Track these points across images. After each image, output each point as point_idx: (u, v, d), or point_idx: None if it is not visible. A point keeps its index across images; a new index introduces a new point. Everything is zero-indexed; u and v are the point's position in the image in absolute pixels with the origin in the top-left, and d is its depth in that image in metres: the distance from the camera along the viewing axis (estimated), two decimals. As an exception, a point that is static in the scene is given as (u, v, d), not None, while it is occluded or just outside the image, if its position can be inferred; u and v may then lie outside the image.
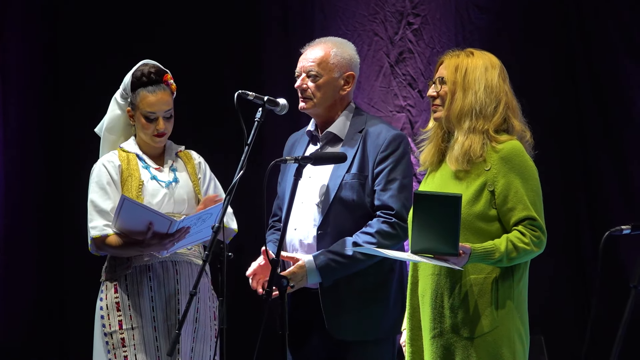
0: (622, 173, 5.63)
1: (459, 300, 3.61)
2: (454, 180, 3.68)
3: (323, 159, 4.04)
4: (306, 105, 4.28)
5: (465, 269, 3.57)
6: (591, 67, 5.70)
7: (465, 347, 3.59)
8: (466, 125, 3.66)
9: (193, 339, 4.28)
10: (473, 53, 3.76)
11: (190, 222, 4.13)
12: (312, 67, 4.26)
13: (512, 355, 3.60)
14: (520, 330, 3.64)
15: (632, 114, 5.60)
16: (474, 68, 3.71)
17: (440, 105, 3.73)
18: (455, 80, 3.70)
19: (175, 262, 4.30)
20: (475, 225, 3.61)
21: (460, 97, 3.68)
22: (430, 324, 3.65)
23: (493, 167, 3.63)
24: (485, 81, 3.70)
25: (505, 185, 3.61)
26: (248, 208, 5.20)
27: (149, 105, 4.31)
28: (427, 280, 3.68)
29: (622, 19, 5.65)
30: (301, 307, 4.22)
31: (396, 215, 4.12)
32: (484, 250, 3.53)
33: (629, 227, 3.13)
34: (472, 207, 3.61)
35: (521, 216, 3.59)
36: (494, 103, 3.68)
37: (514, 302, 3.62)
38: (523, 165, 3.65)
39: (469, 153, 3.64)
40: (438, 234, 3.46)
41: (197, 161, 4.45)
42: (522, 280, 3.66)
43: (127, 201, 4.09)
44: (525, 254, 3.58)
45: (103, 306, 4.27)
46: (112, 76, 4.53)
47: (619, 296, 4.88)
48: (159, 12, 6.34)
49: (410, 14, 5.95)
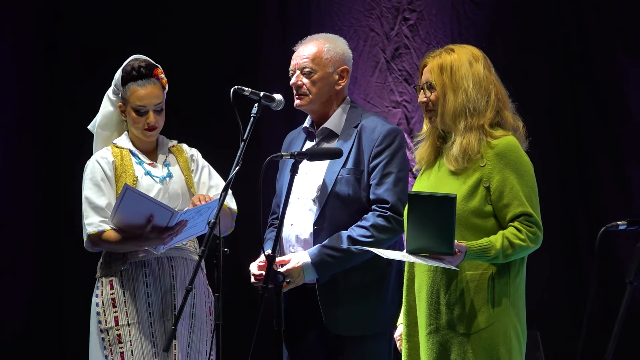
0: (619, 169, 5.64)
1: (455, 296, 3.61)
2: (450, 177, 3.68)
3: (319, 154, 4.05)
4: (302, 102, 4.28)
5: (461, 265, 3.57)
6: (588, 63, 5.70)
7: (461, 343, 3.59)
8: (462, 125, 3.65)
9: (189, 334, 4.28)
10: (453, 49, 3.74)
11: (189, 215, 4.13)
12: (306, 63, 4.26)
13: (508, 352, 3.60)
14: (517, 326, 3.64)
15: (629, 112, 5.60)
16: (459, 65, 3.69)
17: (432, 110, 3.72)
18: (443, 82, 3.68)
19: (171, 257, 4.29)
20: (471, 221, 3.61)
21: (451, 98, 3.67)
22: (426, 320, 3.65)
23: (488, 163, 3.63)
24: (473, 76, 3.68)
25: (501, 181, 3.61)
26: (244, 204, 5.20)
27: (139, 99, 4.30)
28: (424, 277, 3.68)
29: (620, 15, 5.64)
30: (298, 302, 4.21)
31: (391, 209, 4.12)
32: (479, 248, 3.53)
33: (625, 222, 3.13)
34: (467, 203, 3.61)
35: (517, 212, 3.59)
36: (485, 97, 3.68)
37: (510, 299, 3.62)
38: (518, 161, 3.64)
39: (468, 151, 3.64)
40: (433, 233, 3.46)
41: (189, 154, 4.45)
42: (518, 277, 3.66)
43: (129, 190, 4.08)
44: (521, 250, 3.58)
45: (99, 302, 4.26)
46: (109, 74, 4.52)
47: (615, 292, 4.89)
48: (157, 10, 6.33)
49: (406, 9, 5.94)
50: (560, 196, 5.74)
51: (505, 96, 3.74)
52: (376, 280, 4.18)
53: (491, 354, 3.58)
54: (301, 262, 4.09)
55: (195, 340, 4.30)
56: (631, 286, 2.98)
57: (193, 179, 4.39)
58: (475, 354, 3.58)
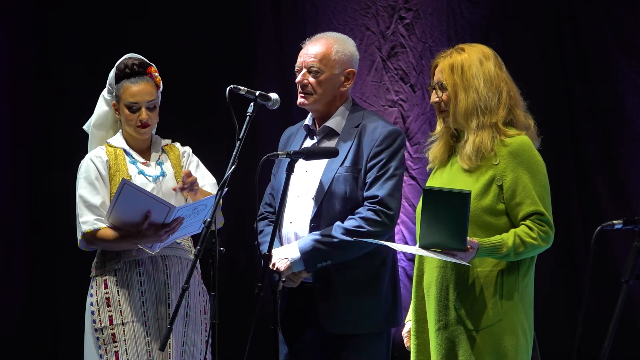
0: (614, 168, 5.64)
1: (464, 292, 3.62)
2: (463, 175, 3.69)
3: (315, 153, 4.05)
4: (307, 101, 4.27)
5: (471, 261, 3.58)
6: (583, 62, 5.70)
7: (469, 339, 3.60)
8: (474, 123, 3.67)
9: (184, 333, 4.28)
10: (464, 49, 3.76)
11: (185, 212, 4.12)
12: (313, 62, 4.25)
13: (515, 349, 3.61)
14: (524, 324, 3.65)
15: (624, 111, 5.61)
16: (470, 64, 3.70)
17: (445, 110, 3.73)
18: (454, 82, 3.70)
19: (165, 256, 4.29)
20: (483, 219, 3.62)
21: (463, 97, 3.68)
22: (435, 316, 3.66)
23: (502, 161, 3.64)
24: (484, 75, 3.70)
25: (514, 179, 3.63)
26: (240, 203, 5.20)
27: (131, 96, 4.30)
28: (433, 273, 3.69)
29: (615, 15, 5.65)
30: (294, 301, 4.21)
31: (380, 203, 4.11)
32: (491, 245, 3.55)
33: (621, 221, 3.12)
34: (480, 201, 3.62)
35: (529, 211, 3.61)
36: (496, 95, 3.69)
37: (519, 296, 3.63)
38: (531, 160, 3.66)
39: (481, 149, 3.65)
40: (446, 229, 3.48)
41: (181, 151, 4.45)
42: (527, 275, 3.67)
43: (127, 185, 4.07)
44: (532, 248, 3.60)
45: (93, 302, 4.26)
46: (103, 72, 4.51)
47: (610, 291, 4.90)
48: (151, 9, 6.32)
49: (402, 8, 5.94)
50: (556, 195, 5.72)
51: (517, 94, 3.76)
52: (370, 279, 4.17)
53: (498, 350, 3.59)
54: (289, 252, 4.08)
55: (190, 340, 4.29)
56: (627, 285, 2.98)
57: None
58: (483, 349, 3.59)
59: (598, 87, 5.67)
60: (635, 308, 5.38)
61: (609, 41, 5.64)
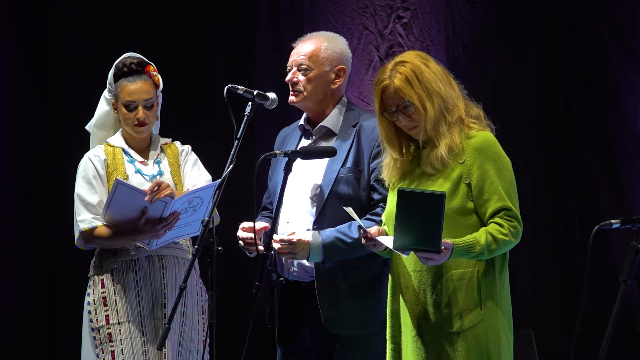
0: (611, 168, 5.64)
1: (442, 295, 3.62)
2: (429, 178, 3.67)
3: (313, 152, 4.05)
4: (296, 99, 4.28)
5: (446, 264, 3.58)
6: (581, 62, 5.71)
7: (451, 342, 3.60)
8: (443, 128, 3.65)
9: (180, 333, 4.27)
10: (404, 60, 3.69)
11: (181, 205, 4.11)
12: (303, 60, 4.26)
13: (498, 348, 3.61)
14: (504, 322, 3.65)
15: (621, 111, 5.61)
16: (420, 71, 3.66)
17: (415, 126, 3.69)
18: (418, 94, 3.64)
19: (162, 256, 4.29)
20: (454, 220, 3.62)
21: (430, 106, 3.64)
22: (413, 321, 3.65)
23: (467, 158, 3.64)
24: (435, 75, 3.68)
25: (481, 176, 3.62)
26: (238, 202, 5.20)
27: (128, 94, 4.30)
28: (409, 277, 3.68)
29: (613, 16, 5.65)
30: (292, 300, 4.21)
31: None
32: (465, 245, 3.55)
33: (619, 221, 3.13)
34: (450, 201, 3.61)
35: (497, 207, 3.61)
36: (450, 88, 3.68)
37: (497, 295, 3.64)
38: (497, 156, 3.66)
39: (453, 148, 3.64)
40: (421, 231, 3.46)
41: (180, 149, 4.44)
42: (502, 272, 3.68)
43: (121, 185, 4.07)
44: (504, 245, 3.60)
45: (90, 301, 4.26)
46: (102, 71, 4.52)
47: (608, 290, 4.89)
48: (150, 7, 6.32)
49: (400, 7, 5.94)
50: (553, 195, 5.75)
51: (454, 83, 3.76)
52: (372, 279, 4.17)
53: (481, 351, 3.59)
54: (310, 239, 4.08)
55: (187, 339, 4.29)
56: (625, 285, 2.98)
57: (181, 172, 4.38)
58: (466, 351, 3.59)
59: (596, 87, 5.68)
60: (633, 307, 5.38)
61: (607, 42, 5.64)
